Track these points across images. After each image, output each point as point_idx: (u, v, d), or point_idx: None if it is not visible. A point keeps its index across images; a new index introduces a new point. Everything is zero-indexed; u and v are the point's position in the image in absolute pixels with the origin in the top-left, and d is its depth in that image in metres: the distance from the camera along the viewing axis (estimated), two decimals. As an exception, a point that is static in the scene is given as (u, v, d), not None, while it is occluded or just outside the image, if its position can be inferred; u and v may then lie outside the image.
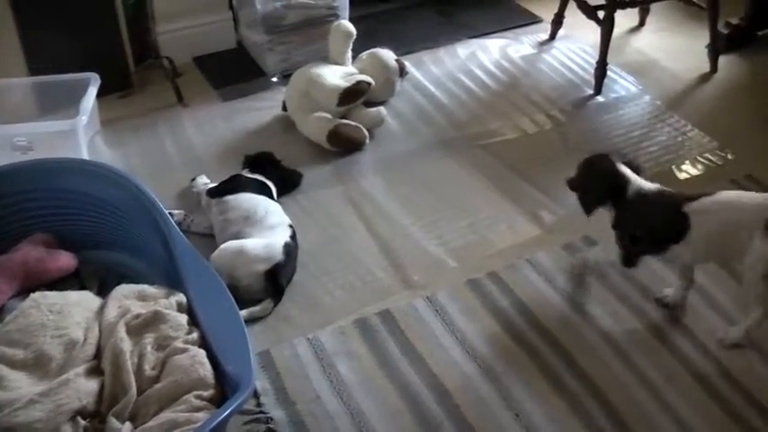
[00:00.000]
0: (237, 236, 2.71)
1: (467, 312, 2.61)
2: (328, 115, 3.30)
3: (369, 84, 3.39)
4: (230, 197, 2.84)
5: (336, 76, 3.39)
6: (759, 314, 2.40)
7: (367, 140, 3.36)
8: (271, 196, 2.92)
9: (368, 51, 3.64)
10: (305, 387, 2.35)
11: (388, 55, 3.62)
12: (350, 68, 3.52)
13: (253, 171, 3.01)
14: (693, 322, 2.58)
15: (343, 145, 3.29)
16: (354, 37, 3.53)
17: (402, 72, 3.65)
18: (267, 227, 2.76)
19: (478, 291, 2.70)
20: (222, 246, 2.67)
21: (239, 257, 2.62)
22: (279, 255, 2.66)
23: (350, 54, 3.56)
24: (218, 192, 2.89)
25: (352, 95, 3.35)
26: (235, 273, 2.58)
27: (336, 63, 3.50)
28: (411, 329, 2.55)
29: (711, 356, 2.47)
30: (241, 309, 2.36)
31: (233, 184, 2.90)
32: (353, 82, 3.35)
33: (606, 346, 2.50)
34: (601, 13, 3.70)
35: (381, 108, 3.49)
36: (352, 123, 3.33)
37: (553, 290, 2.70)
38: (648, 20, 4.40)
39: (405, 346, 2.49)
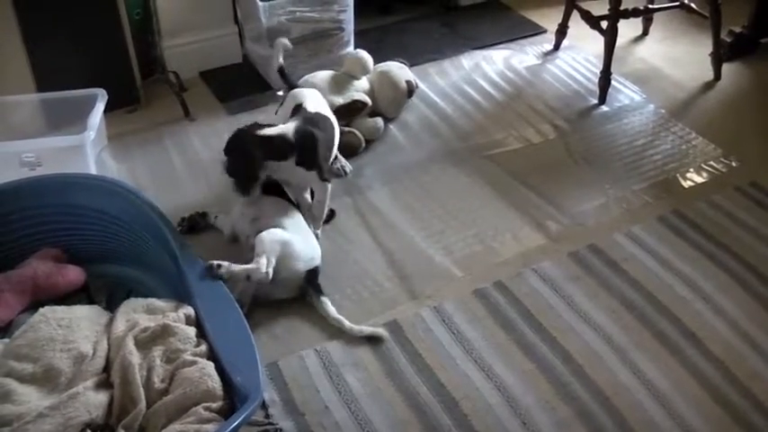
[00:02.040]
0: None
1: (473, 322, 2.63)
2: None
3: (364, 104, 3.40)
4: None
5: (337, 89, 3.40)
6: None
7: (362, 146, 3.39)
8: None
9: (383, 66, 3.64)
10: (313, 398, 2.37)
11: (399, 75, 3.60)
12: (361, 82, 3.52)
13: None
14: (701, 329, 2.59)
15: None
16: (371, 67, 3.56)
17: (411, 94, 3.65)
18: (304, 228, 2.81)
19: (485, 300, 2.71)
20: (272, 230, 2.67)
21: (286, 248, 2.64)
22: (319, 258, 2.73)
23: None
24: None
25: (347, 113, 3.36)
26: (278, 263, 2.61)
27: (349, 75, 3.52)
28: (418, 339, 2.56)
29: (718, 363, 2.48)
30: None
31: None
32: (349, 100, 3.37)
33: (613, 354, 2.51)
34: (604, 24, 3.73)
35: (379, 119, 3.51)
36: (346, 129, 3.34)
37: (560, 298, 2.71)
38: (652, 29, 4.41)
39: (412, 356, 2.50)
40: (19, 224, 2.66)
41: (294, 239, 2.68)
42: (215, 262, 2.48)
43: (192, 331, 2.30)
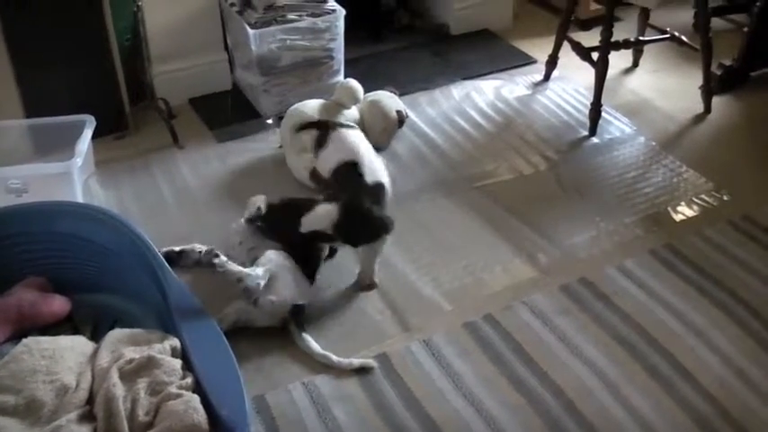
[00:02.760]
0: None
1: (463, 355, 2.60)
2: (314, 155, 3.29)
3: None
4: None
5: (327, 118, 3.38)
6: None
7: None
8: None
9: (373, 95, 3.64)
10: (300, 432, 2.34)
11: (389, 105, 3.60)
12: (351, 111, 3.51)
13: None
14: (693, 364, 2.57)
15: (326, 182, 3.26)
16: (361, 96, 3.55)
17: (401, 123, 3.64)
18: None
19: (475, 333, 2.68)
20: (278, 251, 2.68)
21: (282, 272, 2.64)
22: (307, 300, 2.71)
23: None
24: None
25: None
26: (269, 283, 2.60)
27: (339, 104, 3.50)
28: (407, 373, 2.53)
29: (710, 398, 2.46)
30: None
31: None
32: None
33: (604, 389, 2.48)
34: (595, 55, 3.73)
35: None
36: None
37: (550, 332, 2.69)
38: (642, 61, 4.42)
39: (401, 390, 2.47)
40: (4, 252, 2.63)
41: (291, 270, 2.66)
42: (215, 250, 2.47)
43: (177, 363, 2.26)
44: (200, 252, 2.91)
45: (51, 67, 3.40)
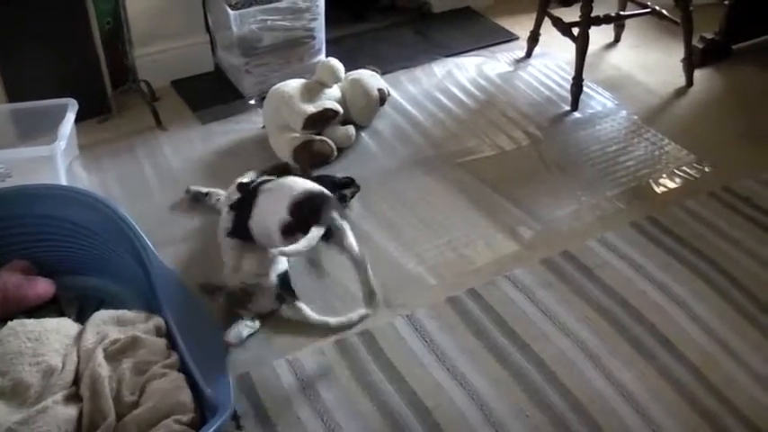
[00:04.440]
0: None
1: (447, 330, 2.62)
2: (296, 134, 3.31)
3: (336, 112, 3.38)
4: None
5: (309, 97, 3.39)
6: None
7: (334, 154, 3.38)
8: None
9: (354, 74, 3.63)
10: (285, 409, 2.35)
11: (371, 83, 3.59)
12: (332, 90, 3.51)
13: None
14: (675, 335, 2.60)
15: (308, 160, 3.28)
16: (342, 75, 3.55)
17: (383, 102, 3.64)
18: None
19: (458, 308, 2.70)
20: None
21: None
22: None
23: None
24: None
25: (318, 121, 3.34)
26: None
27: (321, 83, 3.50)
28: (391, 348, 2.55)
29: (692, 367, 2.49)
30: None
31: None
32: (321, 108, 3.34)
33: (587, 361, 2.50)
34: (576, 30, 3.73)
35: (351, 127, 3.50)
36: (317, 138, 3.33)
37: (533, 305, 2.71)
38: (624, 36, 4.43)
39: (385, 366, 2.49)
40: (-12, 236, 2.63)
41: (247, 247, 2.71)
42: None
43: (162, 343, 2.28)
44: (217, 199, 3.04)
45: (33, 51, 3.39)
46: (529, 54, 4.26)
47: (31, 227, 2.68)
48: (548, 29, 4.03)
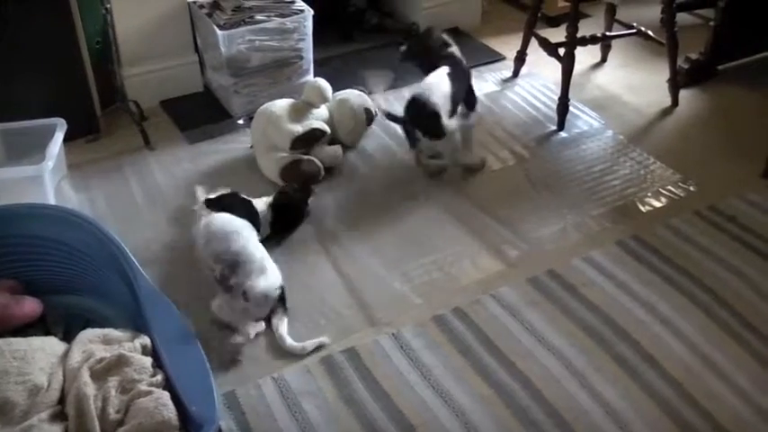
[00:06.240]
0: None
1: (432, 348, 2.63)
2: (284, 154, 3.33)
3: (323, 132, 3.41)
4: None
5: (296, 117, 3.41)
6: None
7: (322, 174, 3.39)
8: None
9: (341, 94, 3.64)
10: (270, 426, 2.35)
11: (358, 103, 3.60)
12: (320, 110, 3.53)
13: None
14: (659, 352, 2.61)
15: (295, 180, 3.28)
16: (330, 95, 3.56)
17: (370, 122, 3.66)
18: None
19: (444, 327, 2.71)
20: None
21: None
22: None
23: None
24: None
25: (306, 141, 3.37)
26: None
27: (308, 103, 3.52)
28: (376, 366, 2.56)
29: (676, 384, 2.50)
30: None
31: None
32: (308, 129, 3.37)
33: (572, 379, 2.51)
34: (561, 51, 3.75)
35: (338, 147, 3.51)
36: (305, 158, 3.35)
37: (518, 324, 2.72)
38: (610, 56, 4.46)
39: (370, 384, 2.49)
40: (-25, 255, 2.63)
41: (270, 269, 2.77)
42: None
43: (147, 361, 2.28)
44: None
45: (22, 71, 3.40)
46: (516, 74, 4.28)
47: (19, 246, 2.69)
48: (534, 49, 4.05)
